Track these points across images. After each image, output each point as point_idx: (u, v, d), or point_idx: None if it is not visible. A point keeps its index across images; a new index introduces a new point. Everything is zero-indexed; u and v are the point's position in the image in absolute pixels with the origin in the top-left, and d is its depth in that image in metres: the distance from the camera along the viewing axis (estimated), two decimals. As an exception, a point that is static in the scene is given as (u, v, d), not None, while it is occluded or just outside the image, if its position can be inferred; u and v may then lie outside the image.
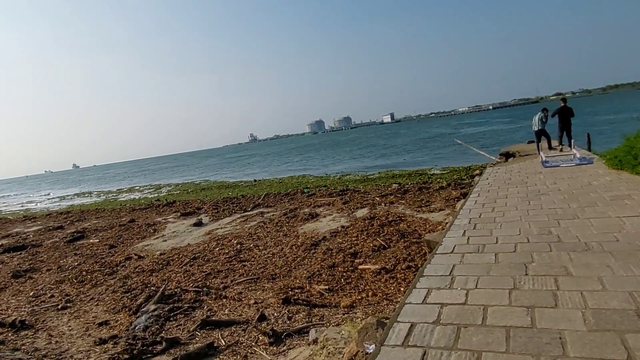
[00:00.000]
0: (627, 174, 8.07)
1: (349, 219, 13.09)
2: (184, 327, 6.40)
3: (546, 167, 10.52)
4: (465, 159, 28.29)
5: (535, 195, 7.41)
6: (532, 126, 15.05)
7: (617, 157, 8.69)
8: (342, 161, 42.85)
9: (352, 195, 17.65)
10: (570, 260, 4.15)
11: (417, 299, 3.73)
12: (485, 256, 4.58)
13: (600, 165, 9.51)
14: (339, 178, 26.56)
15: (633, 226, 4.95)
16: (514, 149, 18.68)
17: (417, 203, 14.38)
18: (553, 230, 5.18)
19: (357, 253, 9.64)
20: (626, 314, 3.01)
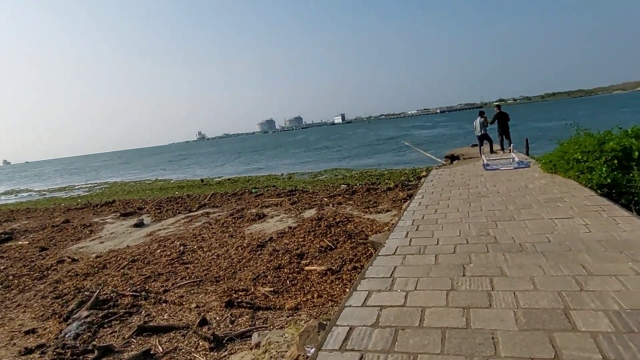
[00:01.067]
0: (560, 178, 8.51)
1: (297, 220, 13.00)
2: (119, 334, 6.05)
3: (487, 170, 10.93)
4: (413, 160, 29.06)
5: (476, 197, 7.65)
6: (475, 131, 15.65)
7: (552, 162, 9.16)
8: (292, 161, 42.77)
9: (300, 196, 17.57)
10: (505, 261, 4.26)
11: (358, 302, 3.68)
12: (426, 257, 4.62)
13: (536, 169, 9.99)
14: (288, 178, 26.43)
15: (564, 227, 5.19)
16: (458, 152, 19.31)
17: (364, 204, 14.52)
18: (491, 232, 5.34)
19: (303, 254, 9.56)
20: (555, 313, 3.11)
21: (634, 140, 7.76)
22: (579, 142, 8.62)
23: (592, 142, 8.12)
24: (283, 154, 57.76)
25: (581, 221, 5.37)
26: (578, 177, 7.90)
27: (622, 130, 8.48)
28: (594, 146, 8.00)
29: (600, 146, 7.92)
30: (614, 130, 8.65)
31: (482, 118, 15.20)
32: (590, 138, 8.40)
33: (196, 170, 44.82)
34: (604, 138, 8.25)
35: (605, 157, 7.68)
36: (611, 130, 8.74)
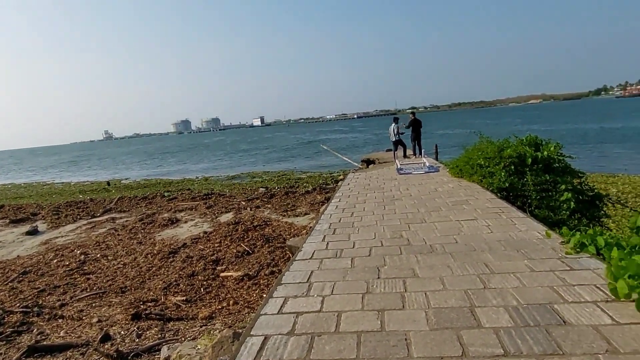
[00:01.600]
0: (466, 182, 9.11)
1: (213, 224, 12.59)
2: (5, 356, 5.34)
3: (400, 174, 11.41)
4: (331, 164, 29.60)
5: (390, 200, 7.91)
6: (390, 136, 16.30)
7: (458, 167, 9.79)
8: (208, 164, 41.47)
9: (217, 199, 17.07)
10: (417, 262, 4.41)
11: (273, 309, 3.57)
12: (342, 261, 4.64)
13: (444, 173, 10.62)
14: (205, 181, 25.58)
15: (469, 229, 5.52)
16: (374, 156, 19.96)
17: (283, 207, 14.46)
18: (404, 234, 5.51)
19: (219, 260, 9.26)
20: (462, 312, 3.25)
21: (528, 148, 8.53)
22: (482, 149, 9.30)
23: (492, 149, 8.80)
24: (198, 155, 55.89)
25: (484, 222, 5.75)
26: (481, 181, 8.51)
27: (517, 138, 9.28)
28: (494, 153, 8.67)
29: (500, 153, 8.60)
30: (511, 139, 9.44)
31: (396, 124, 15.86)
32: (491, 145, 9.11)
33: (100, 172, 41.70)
34: (503, 145, 8.97)
35: (504, 163, 8.35)
36: (509, 138, 9.54)
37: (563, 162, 8.76)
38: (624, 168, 23.57)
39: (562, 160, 8.76)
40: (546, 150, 8.69)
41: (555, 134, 49.23)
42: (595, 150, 33.88)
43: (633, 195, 17.88)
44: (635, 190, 18.63)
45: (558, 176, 8.29)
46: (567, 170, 8.73)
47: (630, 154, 31.11)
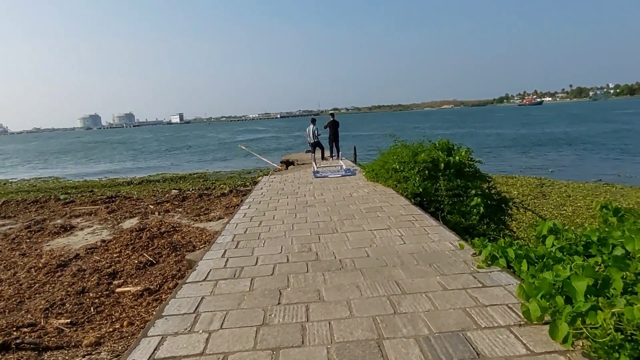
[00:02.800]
0: (381, 186, 8.93)
1: (114, 231, 11.38)
2: None
3: (317, 177, 11.04)
4: (249, 165, 28.74)
5: (303, 207, 7.44)
6: (308, 138, 15.93)
7: (374, 171, 9.61)
8: (117, 163, 38.55)
9: (121, 203, 15.60)
10: (324, 282, 3.95)
11: (144, 354, 2.88)
12: (240, 283, 4.05)
13: (361, 177, 10.41)
14: (111, 182, 23.53)
15: (381, 240, 5.19)
16: (293, 157, 19.54)
17: (195, 211, 13.52)
18: (313, 247, 5.05)
19: (117, 273, 8.25)
20: (368, 346, 2.81)
21: (441, 153, 8.54)
22: (397, 152, 9.19)
23: (407, 153, 8.71)
24: (104, 154, 51.93)
25: (397, 232, 5.47)
26: (396, 186, 8.36)
27: (431, 143, 9.30)
28: (409, 157, 8.57)
29: (414, 157, 8.52)
30: (424, 143, 9.45)
31: (314, 125, 15.52)
32: (405, 149, 9.02)
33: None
34: (417, 150, 8.92)
35: (418, 167, 8.26)
36: (422, 142, 9.54)
37: (473, 166, 8.91)
38: (519, 170, 25.45)
39: (472, 165, 8.91)
40: (458, 155, 8.77)
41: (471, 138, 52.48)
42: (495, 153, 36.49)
43: (532, 197, 19.23)
44: (533, 192, 20.07)
45: (469, 181, 8.39)
46: (477, 175, 8.88)
47: (520, 157, 33.88)
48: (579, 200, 17.67)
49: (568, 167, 27.84)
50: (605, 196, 18.05)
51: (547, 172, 25.32)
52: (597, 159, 31.59)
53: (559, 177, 23.86)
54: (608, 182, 21.69)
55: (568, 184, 21.39)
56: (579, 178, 23.14)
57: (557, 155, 33.98)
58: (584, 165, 28.91)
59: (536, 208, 16.89)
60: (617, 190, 19.36)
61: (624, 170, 25.01)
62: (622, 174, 23.87)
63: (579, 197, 18.14)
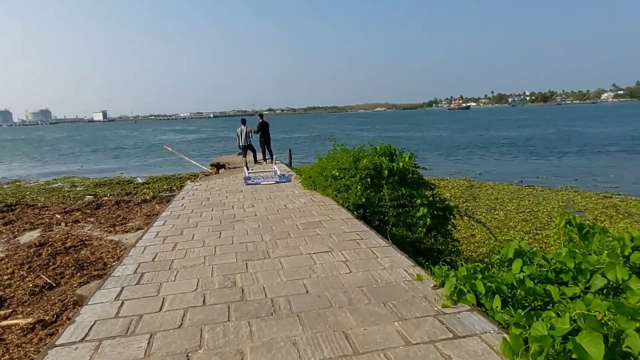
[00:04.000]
0: (320, 196, 8.05)
1: (7, 248, 9.65)
2: None
3: (248, 184, 9.94)
4: (177, 167, 26.84)
5: (229, 222, 6.33)
6: (238, 140, 14.78)
7: (311, 177, 8.71)
8: (24, 164, 34.63)
9: (22, 212, 13.54)
10: (250, 337, 2.94)
11: None
12: (134, 343, 2.92)
13: (297, 185, 9.47)
14: (15, 186, 20.77)
15: (323, 267, 4.28)
16: (225, 160, 18.28)
17: (110, 221, 11.94)
18: (239, 280, 4.01)
19: (4, 300, 6.81)
20: None
21: (384, 159, 7.82)
22: (336, 158, 8.36)
23: (348, 159, 7.89)
24: (9, 154, 46.82)
25: (341, 256, 4.58)
26: (336, 196, 7.52)
27: (372, 147, 8.58)
28: (350, 163, 7.77)
29: (356, 163, 7.73)
30: (365, 147, 8.71)
31: (245, 126, 14.40)
32: (346, 155, 8.20)
33: None
34: (359, 155, 8.16)
35: (360, 175, 7.48)
36: (363, 146, 8.80)
37: (417, 173, 8.29)
38: (449, 173, 26.00)
39: (416, 171, 8.29)
40: (401, 160, 8.11)
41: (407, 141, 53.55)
42: (426, 155, 37.33)
43: (463, 199, 19.43)
44: (464, 194, 20.35)
45: (413, 189, 7.74)
46: (421, 182, 8.28)
47: (445, 159, 35.01)
48: (507, 203, 18.05)
49: (493, 169, 28.96)
50: (529, 198, 18.64)
51: (474, 174, 26.07)
52: (517, 161, 33.27)
53: (485, 178, 24.62)
54: (529, 184, 22.61)
55: (494, 186, 22.00)
56: (502, 180, 23.98)
57: (481, 158, 35.46)
58: (506, 167, 30.29)
59: (470, 212, 16.98)
60: (539, 192, 20.15)
61: (542, 173, 26.35)
62: (541, 176, 25.06)
63: (506, 200, 18.57)
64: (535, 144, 46.62)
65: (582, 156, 34.90)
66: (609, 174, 25.58)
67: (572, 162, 31.96)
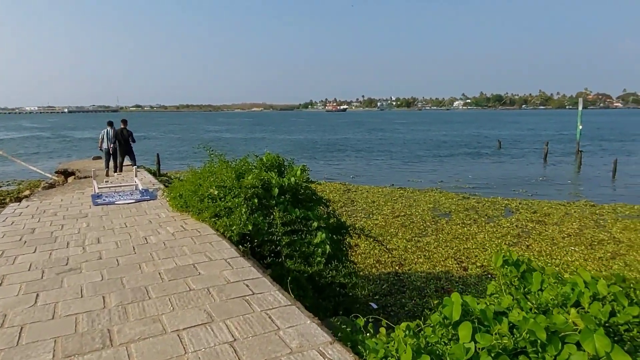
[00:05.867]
0: (194, 221, 6.39)
1: None
2: None
3: (97, 204, 7.72)
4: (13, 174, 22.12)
5: (57, 274, 4.35)
6: (101, 143, 12.35)
7: (182, 197, 6.97)
8: None
9: None
10: None
11: None
12: None
13: (164, 204, 7.61)
14: None
15: (198, 357, 2.77)
16: (75, 165, 15.24)
17: None
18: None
19: None
20: None
21: (273, 174, 6.48)
22: (215, 172, 6.76)
23: (229, 174, 6.36)
24: None
25: (226, 332, 3.10)
26: (215, 223, 5.96)
27: (258, 158, 7.19)
28: (232, 180, 6.25)
29: (239, 180, 6.26)
30: (250, 159, 7.28)
31: (111, 129, 12.02)
32: (227, 169, 6.64)
33: None
34: (242, 169, 6.70)
35: (245, 194, 6.03)
36: (247, 157, 7.35)
37: (310, 189, 7.14)
38: (324, 177, 25.90)
39: (309, 187, 7.14)
40: (292, 175, 6.87)
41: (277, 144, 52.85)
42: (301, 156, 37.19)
43: (342, 203, 19.14)
44: (342, 198, 20.11)
45: (308, 209, 6.56)
46: (315, 199, 7.15)
47: (325, 162, 35.43)
48: (383, 206, 18.22)
49: (366, 172, 29.76)
50: (402, 201, 19.12)
51: (349, 178, 26.33)
52: (388, 164, 34.92)
53: (360, 182, 24.98)
54: (401, 186, 23.46)
55: (369, 189, 22.33)
56: (376, 182, 24.58)
57: (354, 161, 36.50)
58: (378, 169, 31.46)
59: (349, 217, 16.60)
60: (409, 194, 20.89)
61: (412, 175, 27.78)
62: (411, 179, 26.31)
63: (382, 203, 18.77)
64: (404, 147, 49.82)
65: (445, 159, 37.92)
66: (466, 175, 27.90)
67: (437, 164, 34.48)
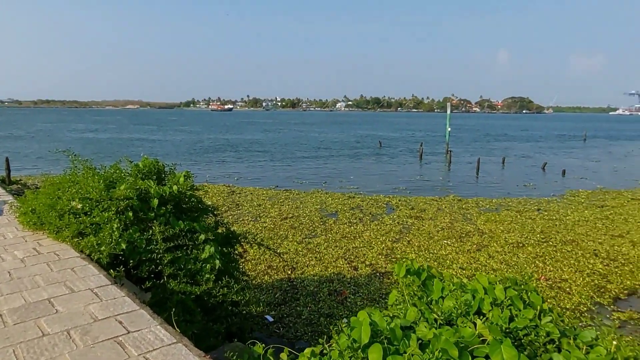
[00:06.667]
0: (50, 241, 5.31)
1: None
2: None
3: None
4: None
5: None
6: None
7: (36, 212, 5.79)
8: None
9: None
10: None
11: None
12: None
13: (12, 221, 6.27)
14: None
15: None
16: None
17: None
18: None
19: None
20: None
21: (152, 183, 5.71)
22: (78, 181, 5.74)
23: (96, 184, 5.42)
24: None
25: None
26: (79, 243, 5.02)
27: (133, 165, 6.30)
28: (100, 191, 5.33)
29: (110, 191, 5.37)
30: (122, 164, 6.36)
31: None
32: (94, 177, 5.67)
33: None
34: (113, 177, 5.79)
35: (116, 207, 5.19)
36: (119, 163, 6.41)
37: (195, 197, 6.48)
38: (206, 179, 24.99)
39: (195, 195, 6.48)
40: (173, 182, 6.14)
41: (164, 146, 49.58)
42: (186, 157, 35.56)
43: (226, 207, 18.42)
44: (227, 202, 19.36)
45: (194, 220, 5.92)
46: (202, 209, 6.52)
47: (209, 163, 34.33)
48: (270, 209, 18.03)
49: (250, 174, 29.43)
50: (288, 203, 19.17)
51: (233, 180, 25.72)
52: (272, 165, 34.94)
53: (245, 184, 24.56)
54: (286, 187, 23.58)
55: (254, 191, 22.01)
56: (260, 184, 24.39)
57: (238, 162, 35.91)
58: (260, 171, 31.33)
59: (236, 222, 16.04)
60: (295, 196, 21.07)
61: (297, 176, 28.09)
62: (296, 180, 26.58)
63: (268, 206, 18.58)
64: (292, 147, 50.26)
65: (328, 159, 39.06)
66: (349, 175, 29.04)
67: (321, 164, 35.35)
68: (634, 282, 10.69)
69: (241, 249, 7.74)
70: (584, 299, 9.76)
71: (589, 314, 9.13)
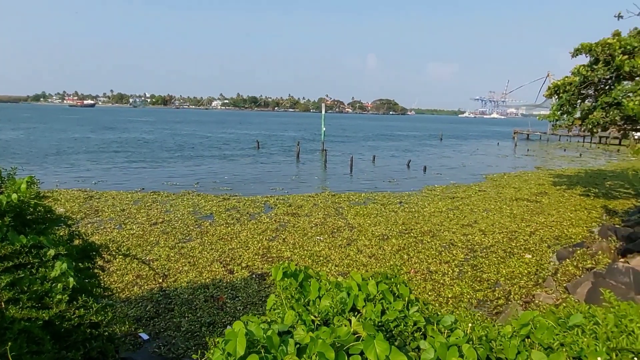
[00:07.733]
0: None
1: None
2: None
3: None
4: None
5: None
6: None
7: None
8: None
9: None
10: None
11: None
12: None
13: None
14: None
15: None
16: None
17: None
18: None
19: None
20: None
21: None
22: None
23: None
24: None
25: None
26: None
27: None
28: None
29: None
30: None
31: None
32: None
33: None
34: None
35: None
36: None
37: (42, 206, 5.65)
38: (56, 184, 22.43)
39: (40, 203, 5.64)
40: (12, 190, 5.28)
41: None
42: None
43: (83, 214, 16.57)
44: (83, 208, 17.37)
45: (40, 233, 5.16)
46: (52, 220, 5.71)
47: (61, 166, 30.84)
48: (136, 214, 16.86)
49: (111, 176, 27.11)
50: (157, 206, 18.07)
51: (90, 184, 23.48)
52: (135, 166, 32.47)
53: (104, 187, 22.60)
54: (153, 190, 22.20)
55: (116, 195, 20.35)
56: (123, 187, 22.63)
57: (94, 164, 32.77)
58: (122, 173, 29.04)
59: (96, 231, 14.61)
60: (164, 198, 19.96)
61: (162, 179, 26.53)
62: (164, 182, 25.15)
63: (134, 211, 17.33)
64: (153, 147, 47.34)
65: (202, 159, 37.68)
66: (224, 175, 28.40)
67: (192, 165, 33.91)
68: (497, 275, 11.26)
69: (102, 261, 6.97)
70: (465, 288, 10.33)
71: (475, 301, 9.76)
